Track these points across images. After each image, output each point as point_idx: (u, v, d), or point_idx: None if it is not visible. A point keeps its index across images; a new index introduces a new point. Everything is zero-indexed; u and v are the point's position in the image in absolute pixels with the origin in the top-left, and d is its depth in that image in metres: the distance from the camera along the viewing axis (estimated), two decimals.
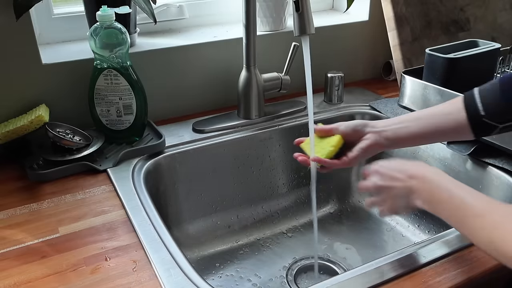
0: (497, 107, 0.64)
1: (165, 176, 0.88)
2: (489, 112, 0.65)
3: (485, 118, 0.65)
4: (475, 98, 0.66)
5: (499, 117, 0.65)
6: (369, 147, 0.72)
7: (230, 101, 1.05)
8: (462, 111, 0.67)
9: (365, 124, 0.74)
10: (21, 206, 0.73)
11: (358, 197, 1.08)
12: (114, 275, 0.59)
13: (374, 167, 0.67)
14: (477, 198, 0.54)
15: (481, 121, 0.65)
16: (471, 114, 0.66)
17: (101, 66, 0.83)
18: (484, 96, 0.66)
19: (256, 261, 0.91)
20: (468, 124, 0.66)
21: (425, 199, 0.59)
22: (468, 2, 1.20)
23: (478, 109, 0.65)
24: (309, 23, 0.69)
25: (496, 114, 0.65)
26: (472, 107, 0.66)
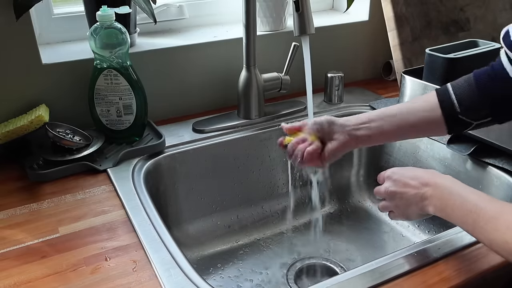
0: (472, 104, 0.64)
1: (165, 176, 0.88)
2: (465, 109, 0.64)
3: (461, 115, 0.65)
4: (450, 94, 0.65)
5: (474, 114, 0.64)
6: (340, 147, 0.70)
7: (230, 101, 1.05)
8: (436, 108, 0.66)
9: (332, 122, 0.71)
10: (21, 206, 0.73)
11: (358, 197, 1.08)
12: (114, 275, 0.59)
13: (388, 173, 0.66)
14: (490, 202, 0.54)
15: (456, 117, 0.65)
16: (446, 111, 0.65)
17: (101, 66, 0.83)
18: (459, 92, 0.65)
19: (256, 261, 0.91)
20: (443, 121, 0.66)
21: (437, 206, 0.59)
22: (468, 2, 1.20)
23: (454, 106, 0.65)
24: (309, 23, 0.69)
25: (471, 111, 0.64)
26: (448, 104, 0.65)
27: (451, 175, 0.90)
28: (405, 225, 0.98)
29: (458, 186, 0.58)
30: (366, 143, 0.71)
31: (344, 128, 0.70)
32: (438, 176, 0.61)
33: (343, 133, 0.69)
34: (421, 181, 0.61)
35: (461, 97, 0.65)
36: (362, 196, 1.08)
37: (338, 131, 0.70)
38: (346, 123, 0.70)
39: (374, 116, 0.70)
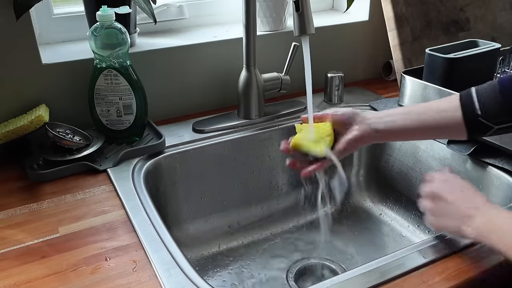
0: (494, 108, 0.64)
1: (165, 176, 0.88)
2: (486, 112, 0.64)
3: (481, 118, 0.64)
4: (472, 97, 0.65)
5: (495, 117, 0.64)
6: (358, 139, 0.69)
7: (230, 101, 1.05)
8: (458, 109, 0.66)
9: (355, 114, 0.71)
10: (21, 206, 0.73)
11: (358, 197, 1.08)
12: (114, 275, 0.59)
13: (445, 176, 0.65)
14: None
15: (476, 120, 0.65)
16: (467, 113, 0.65)
17: (101, 66, 0.83)
18: (481, 95, 0.65)
19: (256, 261, 0.91)
20: (463, 123, 0.66)
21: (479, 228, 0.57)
22: (468, 2, 1.20)
23: (475, 108, 0.65)
24: (309, 23, 0.69)
25: (492, 115, 0.64)
26: (469, 106, 0.65)
27: None
28: (405, 225, 0.98)
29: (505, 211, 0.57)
30: (385, 138, 0.72)
31: (365, 120, 0.70)
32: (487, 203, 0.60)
33: (364, 124, 0.70)
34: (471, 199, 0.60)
35: (483, 100, 0.65)
36: (362, 196, 1.08)
37: (360, 122, 0.70)
38: (368, 116, 0.71)
39: (396, 112, 0.70)
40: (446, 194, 0.62)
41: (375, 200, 1.06)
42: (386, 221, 1.01)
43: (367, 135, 0.70)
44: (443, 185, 0.64)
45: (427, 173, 0.68)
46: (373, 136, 0.70)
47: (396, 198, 1.02)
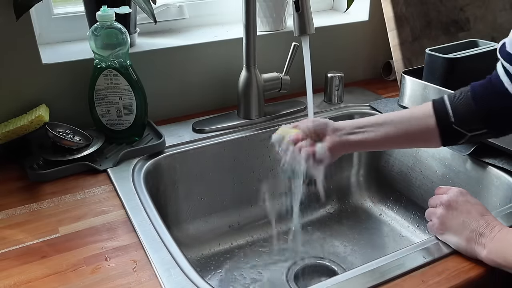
0: (467, 115, 0.64)
1: (165, 176, 0.88)
2: (459, 119, 0.64)
3: (455, 125, 0.64)
4: (445, 104, 0.65)
5: (468, 124, 0.64)
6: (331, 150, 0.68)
7: (230, 101, 1.05)
8: (431, 117, 0.65)
9: (325, 125, 0.70)
10: (21, 206, 0.73)
11: (358, 197, 1.08)
12: (114, 275, 0.59)
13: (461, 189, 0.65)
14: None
15: (450, 128, 0.64)
16: (440, 120, 0.65)
17: (101, 66, 0.83)
18: (454, 102, 0.65)
19: (256, 261, 0.91)
20: (437, 130, 0.65)
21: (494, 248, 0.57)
22: (468, 2, 1.20)
23: (448, 115, 0.64)
24: (309, 23, 0.69)
25: (466, 122, 0.64)
26: (442, 113, 0.65)
27: (451, 175, 0.91)
28: (405, 225, 0.98)
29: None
30: (359, 148, 0.71)
31: (336, 132, 0.69)
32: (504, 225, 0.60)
33: (335, 136, 0.69)
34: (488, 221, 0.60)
35: (456, 107, 0.64)
36: (362, 196, 1.08)
37: (330, 133, 0.69)
38: (339, 127, 0.69)
39: (367, 122, 0.69)
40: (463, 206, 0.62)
41: (375, 200, 1.06)
42: (386, 221, 1.01)
43: (339, 147, 0.69)
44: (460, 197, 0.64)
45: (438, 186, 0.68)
46: (345, 148, 0.69)
47: (396, 198, 1.02)
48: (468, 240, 0.60)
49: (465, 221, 0.61)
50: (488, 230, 0.59)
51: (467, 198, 0.64)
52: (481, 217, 0.61)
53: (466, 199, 0.63)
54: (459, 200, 0.63)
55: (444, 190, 0.67)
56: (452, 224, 0.62)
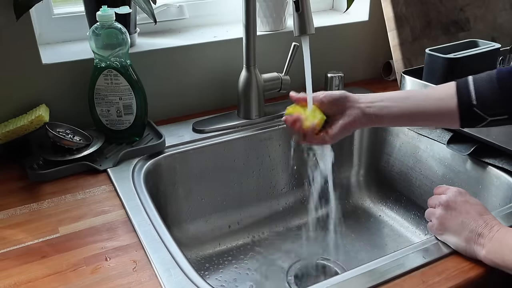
0: (490, 98, 0.63)
1: (165, 176, 0.88)
2: (481, 103, 0.63)
3: (476, 108, 0.63)
4: (468, 86, 0.64)
5: (490, 109, 0.63)
6: (351, 124, 0.68)
7: (230, 101, 1.05)
8: (453, 97, 0.65)
9: (346, 97, 0.69)
10: (21, 206, 0.73)
11: (358, 197, 1.08)
12: (114, 275, 0.59)
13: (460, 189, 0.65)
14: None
15: (471, 110, 0.64)
16: (462, 102, 0.64)
17: (101, 66, 0.83)
18: (478, 85, 0.64)
19: (256, 261, 0.91)
20: (457, 111, 0.64)
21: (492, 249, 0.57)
22: (468, 2, 1.20)
23: (470, 98, 0.63)
24: (309, 23, 0.69)
25: (488, 106, 0.63)
26: (465, 95, 0.64)
27: (451, 175, 0.91)
28: (405, 225, 0.98)
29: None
30: (378, 123, 0.69)
31: (356, 104, 0.68)
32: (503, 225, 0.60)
33: (355, 109, 0.68)
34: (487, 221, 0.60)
35: (479, 89, 0.63)
36: (362, 196, 1.08)
37: (351, 106, 0.68)
38: (359, 99, 0.69)
39: (390, 97, 0.68)
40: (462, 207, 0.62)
41: (375, 200, 1.06)
42: (386, 221, 1.01)
43: (361, 120, 0.68)
44: (459, 197, 0.64)
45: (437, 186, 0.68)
46: (367, 122, 0.68)
47: (396, 198, 1.02)
48: (467, 240, 0.60)
49: (464, 221, 0.61)
50: (487, 230, 0.59)
51: (466, 198, 0.64)
52: (480, 217, 0.61)
53: (465, 199, 0.63)
54: (458, 200, 0.63)
55: (443, 189, 0.66)
56: (451, 224, 0.62)
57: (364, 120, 0.68)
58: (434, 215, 0.65)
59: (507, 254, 0.56)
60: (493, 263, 0.58)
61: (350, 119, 0.68)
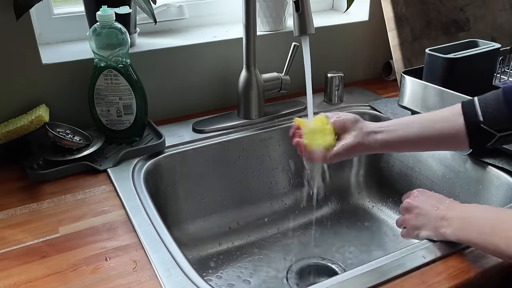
0: (497, 115, 0.63)
1: (165, 176, 0.88)
2: (488, 119, 0.63)
3: (484, 125, 0.63)
4: (474, 104, 0.65)
5: (498, 124, 0.63)
6: (354, 147, 0.69)
7: (230, 101, 1.05)
8: (459, 117, 0.65)
9: (355, 121, 0.70)
10: (21, 206, 0.73)
11: (358, 197, 1.08)
12: (114, 275, 0.59)
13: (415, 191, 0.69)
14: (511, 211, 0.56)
15: (478, 127, 0.64)
16: (468, 120, 0.64)
17: (101, 66, 0.83)
18: (484, 103, 0.64)
19: (256, 261, 0.91)
20: (465, 130, 0.64)
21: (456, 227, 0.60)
22: (468, 2, 1.20)
23: (477, 115, 0.64)
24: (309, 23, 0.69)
25: (495, 121, 0.63)
26: (471, 113, 0.64)
27: (451, 175, 0.91)
28: None
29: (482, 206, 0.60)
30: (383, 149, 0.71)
31: (364, 129, 0.69)
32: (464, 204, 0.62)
33: (363, 133, 0.69)
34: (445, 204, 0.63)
35: (485, 106, 0.64)
36: (362, 196, 1.08)
37: (358, 129, 0.69)
38: (368, 125, 0.70)
39: (396, 122, 0.70)
40: (421, 203, 0.66)
41: (375, 200, 1.06)
42: (386, 221, 1.01)
43: (364, 144, 0.69)
44: (418, 197, 0.67)
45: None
46: (370, 146, 0.69)
47: (396, 198, 1.02)
48: (435, 228, 0.63)
49: (426, 213, 0.64)
50: (448, 211, 0.62)
51: (423, 195, 0.67)
52: (439, 204, 0.64)
53: (423, 196, 0.67)
54: (415, 199, 0.67)
55: (405, 196, 0.70)
56: (417, 222, 0.66)
57: (368, 144, 0.69)
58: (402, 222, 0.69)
59: (468, 228, 0.58)
60: (460, 240, 0.60)
61: (354, 141, 0.69)
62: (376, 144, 0.69)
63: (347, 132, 0.70)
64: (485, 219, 0.57)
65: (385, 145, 0.69)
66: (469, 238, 0.58)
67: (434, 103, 0.90)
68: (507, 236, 0.52)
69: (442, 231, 0.61)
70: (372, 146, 0.69)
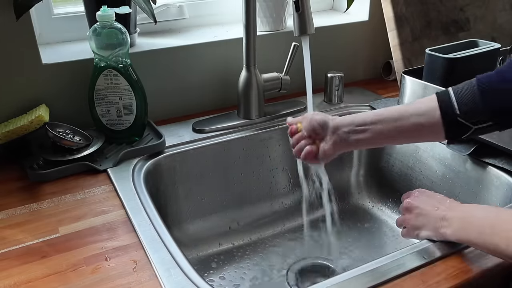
0: (473, 107, 0.62)
1: (165, 176, 0.88)
2: (464, 112, 0.63)
3: (460, 118, 0.63)
4: (450, 97, 0.64)
5: (474, 117, 0.63)
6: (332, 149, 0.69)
7: (230, 101, 1.05)
8: (435, 110, 0.64)
9: (325, 123, 0.69)
10: (21, 206, 0.73)
11: (358, 197, 1.08)
12: (114, 275, 0.59)
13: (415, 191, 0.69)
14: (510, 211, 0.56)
15: (455, 120, 0.63)
16: (445, 113, 0.64)
17: (101, 66, 0.83)
18: (459, 95, 0.64)
19: (256, 261, 0.91)
20: (441, 123, 0.64)
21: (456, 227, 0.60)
22: (468, 2, 1.20)
23: (453, 108, 0.63)
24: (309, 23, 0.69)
25: (471, 114, 0.62)
26: (447, 106, 0.64)
27: (451, 175, 0.91)
28: None
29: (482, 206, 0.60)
30: (360, 146, 0.72)
31: (336, 130, 0.69)
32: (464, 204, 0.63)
33: (335, 135, 0.69)
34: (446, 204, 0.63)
35: (461, 99, 0.63)
36: (362, 196, 1.08)
37: (331, 132, 0.69)
38: (339, 125, 0.69)
39: (371, 119, 0.68)
40: (421, 203, 0.66)
41: (375, 200, 1.06)
42: (386, 221, 1.01)
43: (339, 145, 0.69)
44: (418, 197, 0.68)
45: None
46: (346, 146, 0.69)
47: (396, 198, 1.02)
48: (435, 229, 0.63)
49: (426, 213, 0.65)
50: (448, 212, 0.62)
51: (424, 195, 0.68)
52: (439, 204, 0.64)
53: (423, 196, 0.67)
54: (416, 199, 0.67)
55: (405, 196, 0.70)
56: (418, 222, 0.66)
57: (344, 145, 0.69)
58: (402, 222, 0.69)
59: (468, 228, 0.58)
60: (460, 240, 0.60)
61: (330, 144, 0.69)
62: (351, 145, 0.69)
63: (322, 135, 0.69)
64: (485, 219, 0.57)
65: (362, 143, 0.69)
66: (469, 238, 0.58)
67: None
68: (507, 236, 0.52)
69: (442, 231, 0.62)
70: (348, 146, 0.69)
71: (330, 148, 0.69)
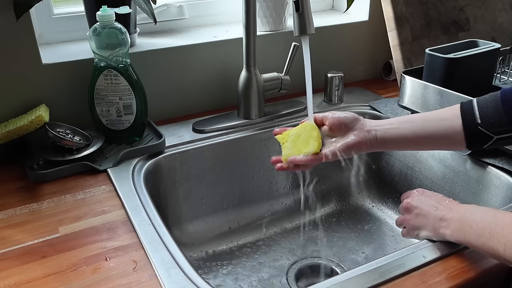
0: (495, 117, 0.63)
1: (165, 176, 0.88)
2: (486, 121, 0.63)
3: (481, 127, 0.63)
4: (473, 106, 0.65)
5: (495, 127, 0.63)
6: (355, 145, 0.68)
7: (230, 101, 1.05)
8: (457, 118, 0.65)
9: (355, 119, 0.70)
10: (21, 206, 0.73)
11: (358, 197, 1.08)
12: (114, 275, 0.59)
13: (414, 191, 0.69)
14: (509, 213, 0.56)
15: (476, 129, 0.64)
16: (466, 121, 0.64)
17: (101, 66, 0.83)
18: (482, 105, 0.64)
19: (256, 261, 0.91)
20: (463, 132, 0.65)
21: (454, 228, 0.60)
22: (468, 2, 1.20)
23: (474, 117, 0.64)
24: (309, 23, 0.69)
25: (492, 124, 0.63)
26: (469, 114, 0.65)
27: (451, 175, 0.91)
28: None
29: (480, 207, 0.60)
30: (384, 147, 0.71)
31: (365, 127, 0.69)
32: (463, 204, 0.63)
33: (363, 131, 0.69)
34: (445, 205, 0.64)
35: (483, 108, 0.64)
36: (362, 196, 1.08)
37: (359, 128, 0.69)
38: (369, 123, 0.70)
39: (397, 120, 0.70)
40: (421, 203, 0.66)
41: (375, 200, 1.06)
42: (386, 221, 1.01)
43: (366, 141, 0.69)
44: (418, 197, 0.68)
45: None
46: (370, 144, 0.69)
47: (396, 198, 1.02)
48: (435, 229, 0.63)
49: (426, 214, 0.65)
50: (447, 212, 0.62)
51: (423, 195, 0.68)
52: (439, 204, 0.64)
53: (422, 196, 0.68)
54: (415, 199, 0.68)
55: (404, 196, 0.71)
56: (417, 222, 0.66)
57: (369, 142, 0.69)
58: (402, 222, 0.70)
59: (467, 231, 0.59)
60: (458, 241, 0.61)
61: (354, 140, 0.68)
62: (374, 143, 0.69)
63: (348, 130, 0.69)
64: (484, 222, 0.56)
65: (383, 143, 0.69)
66: (467, 241, 0.59)
67: (434, 103, 0.90)
68: (505, 241, 0.52)
69: (442, 232, 0.62)
70: (372, 144, 0.69)
71: (355, 142, 0.68)
